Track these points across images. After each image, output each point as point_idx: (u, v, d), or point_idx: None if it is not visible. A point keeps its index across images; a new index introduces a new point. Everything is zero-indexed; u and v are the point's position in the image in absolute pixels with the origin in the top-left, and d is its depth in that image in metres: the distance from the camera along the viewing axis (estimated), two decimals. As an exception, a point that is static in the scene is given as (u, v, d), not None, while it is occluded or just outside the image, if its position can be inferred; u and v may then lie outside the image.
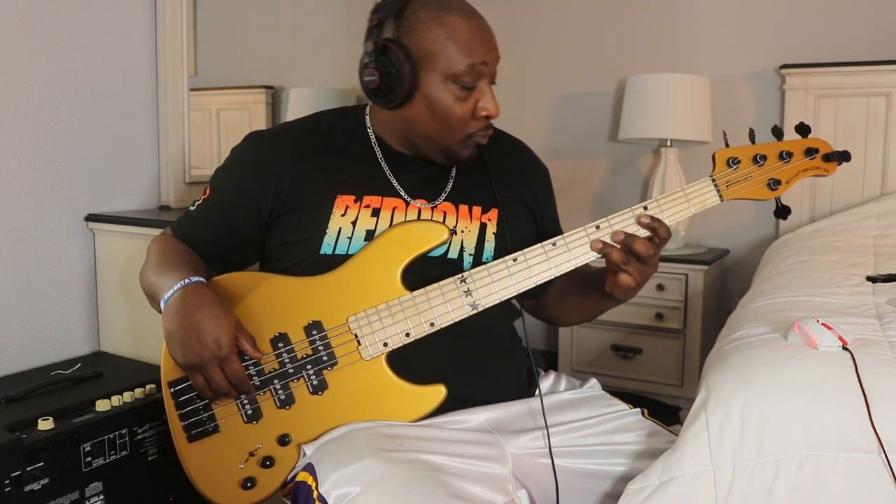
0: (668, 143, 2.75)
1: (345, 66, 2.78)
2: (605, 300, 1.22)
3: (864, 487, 0.98)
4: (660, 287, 2.62)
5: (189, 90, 2.01)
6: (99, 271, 1.85)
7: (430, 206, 1.23)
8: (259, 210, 1.20)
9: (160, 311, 1.13)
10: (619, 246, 1.12)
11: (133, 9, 1.92)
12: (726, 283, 2.90)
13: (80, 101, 1.81)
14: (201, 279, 1.12)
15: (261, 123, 2.48)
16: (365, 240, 1.17)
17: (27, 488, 1.29)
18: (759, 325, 1.31)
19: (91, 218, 1.83)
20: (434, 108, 1.15)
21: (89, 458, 1.39)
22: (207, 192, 1.25)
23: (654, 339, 2.65)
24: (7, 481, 1.26)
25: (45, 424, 1.34)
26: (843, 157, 1.17)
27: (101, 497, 1.41)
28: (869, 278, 1.69)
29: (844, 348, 1.11)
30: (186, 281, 1.10)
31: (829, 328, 1.15)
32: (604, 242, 1.12)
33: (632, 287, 1.14)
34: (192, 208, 1.26)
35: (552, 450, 1.15)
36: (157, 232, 1.70)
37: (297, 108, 2.54)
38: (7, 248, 1.69)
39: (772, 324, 1.30)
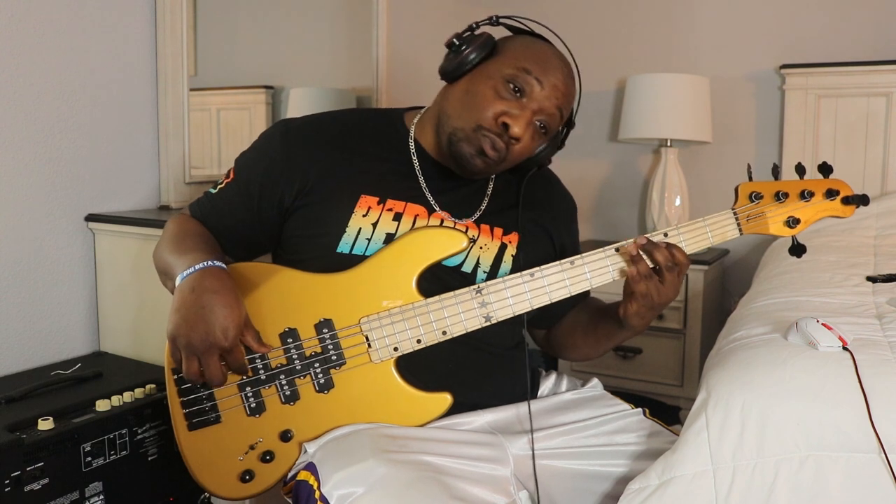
0: (668, 143, 2.75)
1: (345, 66, 2.78)
2: (618, 330, 1.22)
3: (864, 487, 0.98)
4: (660, 287, 2.61)
5: (189, 90, 2.01)
6: (99, 271, 1.85)
7: (453, 220, 1.22)
8: (282, 198, 1.19)
9: (171, 290, 1.11)
10: (644, 256, 1.12)
11: (133, 9, 1.92)
12: (726, 283, 2.90)
13: (80, 102, 1.81)
14: (223, 265, 1.10)
15: (261, 123, 2.47)
16: (384, 243, 1.16)
17: (27, 488, 1.29)
18: (759, 325, 1.31)
19: (91, 218, 1.83)
20: (470, 89, 1.17)
21: (89, 458, 1.39)
22: (231, 175, 1.23)
23: (654, 339, 2.65)
24: (7, 481, 1.26)
25: (45, 424, 1.34)
26: (862, 200, 1.16)
27: (101, 497, 1.41)
28: (869, 278, 1.69)
29: (844, 348, 1.11)
30: (209, 263, 1.08)
31: (829, 328, 1.15)
32: (639, 248, 1.12)
33: (646, 307, 1.14)
34: (213, 191, 1.25)
35: (539, 452, 1.15)
36: (157, 232, 1.70)
37: (297, 108, 2.54)
38: (7, 248, 1.69)
39: (772, 324, 1.30)
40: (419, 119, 1.26)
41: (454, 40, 1.19)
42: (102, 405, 1.44)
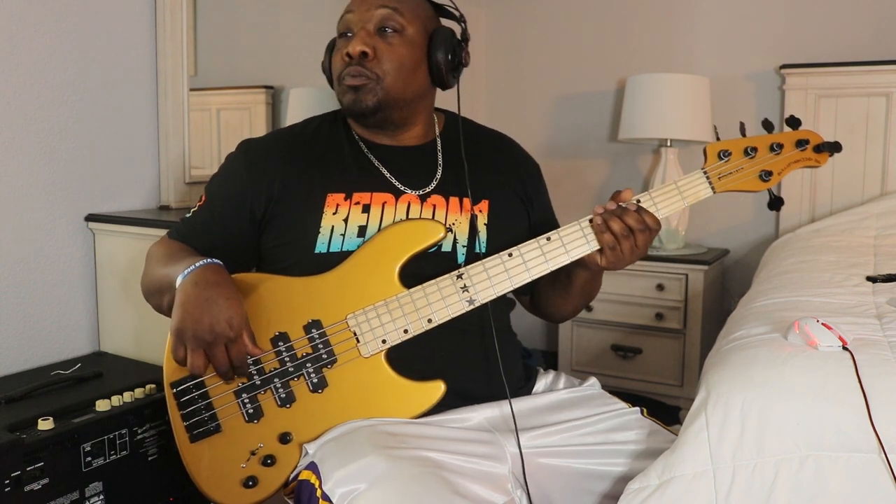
0: (668, 143, 2.76)
1: (345, 66, 2.78)
2: (586, 274, 1.23)
3: (864, 487, 0.98)
4: (660, 287, 2.62)
5: (189, 90, 2.01)
6: (99, 271, 1.85)
7: (419, 193, 1.24)
8: (252, 212, 1.22)
9: (167, 306, 1.13)
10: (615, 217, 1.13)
11: (133, 9, 1.92)
12: (726, 283, 2.91)
13: (80, 102, 1.81)
14: (220, 263, 1.13)
15: (261, 123, 2.47)
16: (358, 236, 1.19)
17: (27, 488, 1.29)
18: (759, 325, 1.31)
19: (91, 218, 1.83)
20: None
21: (89, 458, 1.39)
22: (203, 199, 1.27)
23: (654, 339, 2.65)
24: (7, 481, 1.26)
25: (45, 424, 1.34)
26: (834, 147, 1.18)
27: (101, 497, 1.41)
28: (869, 278, 1.70)
29: (844, 348, 1.11)
30: (209, 260, 1.12)
31: (829, 328, 1.15)
32: (603, 216, 1.13)
33: (616, 263, 1.16)
34: (188, 216, 1.28)
35: (536, 450, 1.16)
36: (157, 232, 1.70)
37: (297, 108, 2.54)
38: (7, 248, 1.69)
39: (772, 324, 1.30)
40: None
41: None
42: (102, 405, 1.44)
